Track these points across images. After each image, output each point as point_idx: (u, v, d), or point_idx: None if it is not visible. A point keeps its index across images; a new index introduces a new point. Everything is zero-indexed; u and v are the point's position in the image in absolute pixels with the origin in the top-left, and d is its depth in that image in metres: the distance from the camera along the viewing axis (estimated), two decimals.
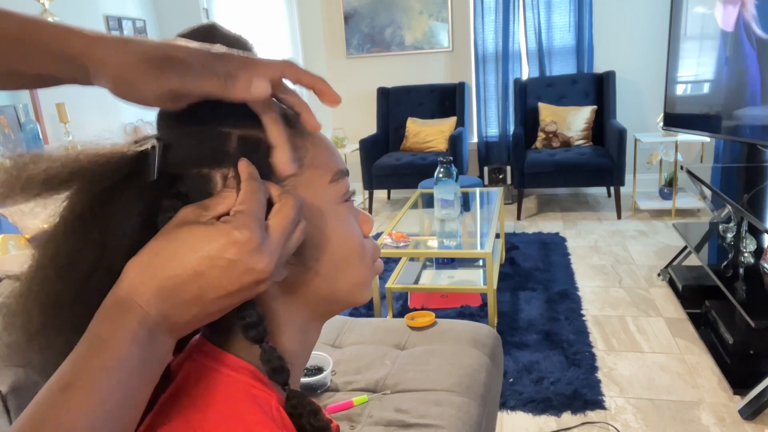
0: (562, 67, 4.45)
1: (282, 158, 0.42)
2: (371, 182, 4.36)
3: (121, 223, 0.39)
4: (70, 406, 0.32)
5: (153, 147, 0.39)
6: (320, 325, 0.50)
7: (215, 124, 0.41)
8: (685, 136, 3.64)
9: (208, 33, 0.43)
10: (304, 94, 0.46)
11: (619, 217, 3.97)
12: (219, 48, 0.40)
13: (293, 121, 0.45)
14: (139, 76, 0.37)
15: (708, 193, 2.67)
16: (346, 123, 4.94)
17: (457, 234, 2.69)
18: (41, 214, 0.38)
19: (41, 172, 0.36)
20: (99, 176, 0.38)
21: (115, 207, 0.39)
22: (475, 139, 4.78)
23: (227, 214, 0.38)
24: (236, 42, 0.44)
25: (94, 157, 0.38)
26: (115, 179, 0.39)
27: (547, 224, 3.98)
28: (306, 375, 1.39)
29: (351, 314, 2.48)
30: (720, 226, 2.64)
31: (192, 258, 0.36)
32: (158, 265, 0.36)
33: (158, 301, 0.35)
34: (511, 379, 2.11)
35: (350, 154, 4.55)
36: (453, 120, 4.49)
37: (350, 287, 0.47)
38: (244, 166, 0.40)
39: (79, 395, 0.32)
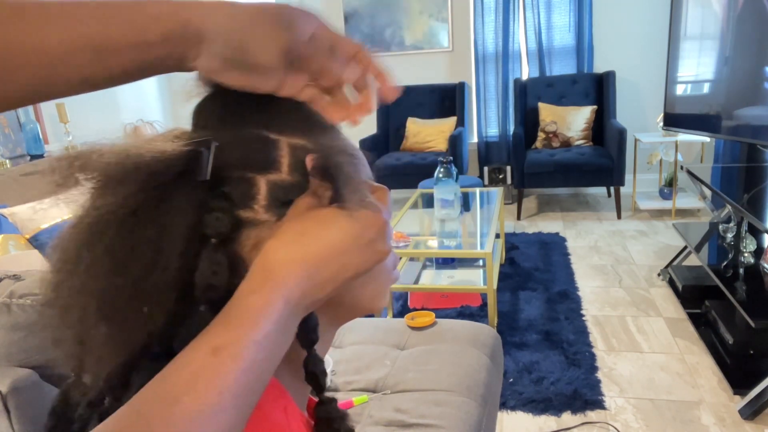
0: (562, 67, 4.45)
1: (389, 82, 0.45)
2: None
3: (175, 221, 0.38)
4: (222, 369, 0.32)
5: (207, 147, 0.39)
6: (335, 330, 0.50)
7: (261, 129, 0.41)
8: (685, 136, 3.64)
9: None
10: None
11: (619, 217, 3.97)
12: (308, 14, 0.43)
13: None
14: (255, 30, 0.38)
15: (708, 193, 2.68)
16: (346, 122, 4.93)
17: (457, 234, 2.69)
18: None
19: (103, 162, 0.36)
20: (158, 172, 0.37)
21: (169, 204, 0.38)
22: (475, 139, 4.78)
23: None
24: None
25: (154, 152, 0.37)
26: (170, 176, 0.38)
27: (547, 224, 3.98)
28: None
29: None
30: (720, 226, 2.64)
31: (338, 236, 0.38)
32: (306, 243, 0.38)
33: (301, 280, 0.37)
34: (511, 379, 2.11)
35: None
36: (453, 120, 4.49)
37: (373, 296, 0.48)
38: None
39: (230, 361, 0.33)
